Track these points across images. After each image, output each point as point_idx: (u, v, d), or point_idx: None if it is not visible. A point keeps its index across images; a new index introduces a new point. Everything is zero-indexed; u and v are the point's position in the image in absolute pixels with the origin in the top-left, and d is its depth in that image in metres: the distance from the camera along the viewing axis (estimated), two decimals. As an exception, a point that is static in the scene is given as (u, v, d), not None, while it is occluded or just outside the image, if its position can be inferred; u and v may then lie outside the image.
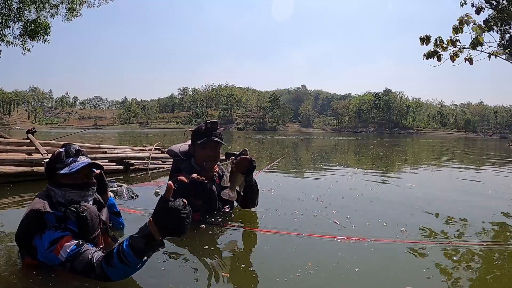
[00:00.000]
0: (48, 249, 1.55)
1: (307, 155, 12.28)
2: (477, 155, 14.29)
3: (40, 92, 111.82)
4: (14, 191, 3.65)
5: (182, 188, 2.50)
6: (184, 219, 1.39)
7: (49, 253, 1.54)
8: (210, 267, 1.81)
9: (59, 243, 1.54)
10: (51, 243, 1.55)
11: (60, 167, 1.73)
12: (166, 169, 5.44)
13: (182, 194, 2.46)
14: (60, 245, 1.54)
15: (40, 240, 1.57)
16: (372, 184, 4.80)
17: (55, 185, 1.74)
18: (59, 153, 1.77)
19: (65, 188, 1.73)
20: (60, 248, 1.53)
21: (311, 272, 1.75)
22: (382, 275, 1.82)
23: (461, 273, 1.83)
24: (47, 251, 1.55)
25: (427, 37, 3.50)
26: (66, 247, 1.53)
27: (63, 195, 1.72)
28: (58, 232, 1.57)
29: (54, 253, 1.54)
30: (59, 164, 1.74)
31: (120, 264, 1.43)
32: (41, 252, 1.57)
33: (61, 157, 1.76)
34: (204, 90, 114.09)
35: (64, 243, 1.54)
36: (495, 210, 3.32)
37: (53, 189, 1.74)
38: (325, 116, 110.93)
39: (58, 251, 1.53)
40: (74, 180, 1.74)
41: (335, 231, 2.45)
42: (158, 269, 1.75)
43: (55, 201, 1.71)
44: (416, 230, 2.56)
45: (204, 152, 2.60)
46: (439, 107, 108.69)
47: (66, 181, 1.73)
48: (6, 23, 9.53)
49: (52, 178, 1.77)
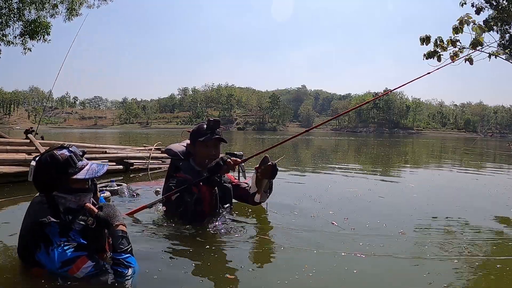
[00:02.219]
0: (60, 269, 1.50)
1: (307, 155, 12.27)
2: (477, 154, 14.29)
3: (40, 92, 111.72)
4: (14, 191, 3.65)
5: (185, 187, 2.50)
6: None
7: (62, 272, 1.51)
8: (213, 269, 1.81)
9: (75, 264, 1.51)
10: (65, 263, 1.50)
11: (75, 172, 1.64)
12: (166, 169, 5.43)
13: (189, 190, 2.48)
14: (76, 267, 1.50)
15: (47, 256, 1.51)
16: (371, 184, 4.80)
17: (66, 191, 1.64)
18: (69, 158, 1.65)
19: (80, 194, 1.66)
20: (76, 270, 1.50)
21: (310, 275, 1.74)
22: (381, 277, 1.82)
23: (461, 278, 1.82)
24: (59, 270, 1.51)
25: (427, 37, 3.49)
26: (84, 268, 1.51)
27: (77, 201, 1.65)
28: (70, 251, 1.51)
29: (68, 273, 1.51)
30: (71, 169, 1.63)
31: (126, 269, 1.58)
32: (51, 269, 1.52)
33: (73, 161, 1.65)
34: (204, 90, 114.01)
35: (80, 265, 1.51)
36: (495, 211, 3.32)
37: (64, 196, 1.63)
38: (325, 116, 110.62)
39: (74, 272, 1.51)
40: (85, 184, 1.69)
41: (334, 232, 2.45)
42: (161, 271, 1.76)
43: (64, 208, 1.61)
44: (416, 231, 2.56)
45: (207, 150, 2.60)
46: (439, 107, 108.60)
47: (81, 186, 1.67)
48: (6, 23, 9.53)
49: (60, 184, 1.63)
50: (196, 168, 2.64)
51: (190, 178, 2.57)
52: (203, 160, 2.62)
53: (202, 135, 2.60)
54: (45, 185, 1.64)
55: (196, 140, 2.62)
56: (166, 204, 2.64)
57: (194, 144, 2.65)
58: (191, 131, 2.78)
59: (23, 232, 1.62)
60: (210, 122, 2.63)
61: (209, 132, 2.60)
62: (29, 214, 1.64)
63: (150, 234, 2.31)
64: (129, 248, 1.63)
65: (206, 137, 2.58)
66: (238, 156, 3.84)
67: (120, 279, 1.55)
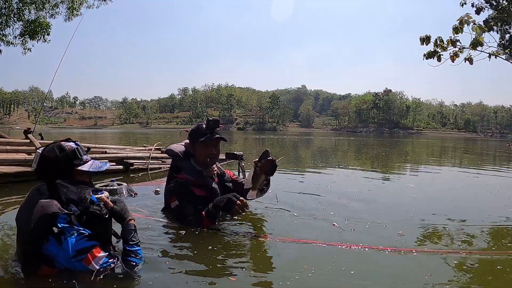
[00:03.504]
0: (74, 257, 1.52)
1: (307, 155, 12.27)
2: (477, 154, 14.29)
3: (40, 92, 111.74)
4: (14, 191, 3.65)
5: (186, 189, 2.51)
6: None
7: (76, 262, 1.53)
8: (213, 270, 1.81)
9: (91, 253, 1.54)
10: (80, 251, 1.53)
11: (80, 163, 1.70)
12: (166, 169, 5.43)
13: (188, 195, 2.48)
14: (92, 256, 1.54)
15: (58, 246, 1.52)
16: (371, 184, 4.80)
17: (70, 181, 1.67)
18: (75, 150, 1.71)
19: (82, 186, 1.70)
20: (92, 259, 1.54)
21: (309, 275, 1.74)
22: (379, 277, 1.82)
23: (458, 278, 1.82)
24: (73, 259, 1.52)
25: (427, 37, 3.49)
26: (98, 258, 1.55)
27: (78, 193, 1.67)
28: (84, 240, 1.55)
29: (83, 263, 1.53)
30: (77, 160, 1.69)
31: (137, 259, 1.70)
32: (63, 259, 1.52)
33: (79, 153, 1.71)
34: (204, 90, 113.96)
35: (96, 254, 1.55)
36: (495, 211, 3.32)
37: (67, 185, 1.65)
38: (325, 116, 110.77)
39: (90, 261, 1.54)
40: (87, 177, 1.75)
41: (335, 233, 2.45)
42: (163, 273, 1.75)
43: (66, 198, 1.63)
44: (415, 232, 2.56)
45: (207, 150, 2.60)
46: (439, 107, 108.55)
47: (83, 179, 1.72)
48: (6, 23, 9.53)
49: (65, 173, 1.67)
50: (197, 167, 2.64)
51: (192, 179, 2.57)
52: (204, 160, 2.63)
53: (202, 135, 2.60)
54: (50, 174, 1.66)
55: (196, 140, 2.62)
56: (165, 208, 2.67)
57: (194, 144, 2.65)
58: (189, 130, 2.78)
59: (26, 227, 1.57)
60: (210, 122, 2.63)
61: (209, 131, 2.60)
62: (30, 210, 1.56)
63: (150, 234, 2.31)
64: (139, 242, 1.77)
65: (206, 137, 2.58)
66: (237, 156, 3.86)
67: (132, 270, 1.64)
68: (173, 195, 2.52)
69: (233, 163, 4.95)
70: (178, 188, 2.52)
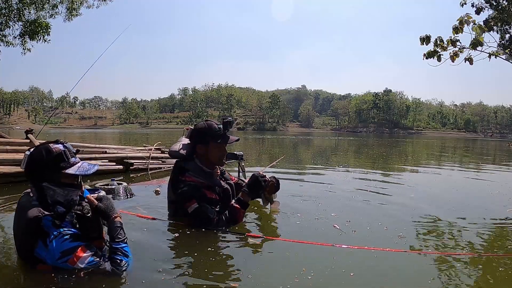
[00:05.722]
0: (60, 259, 1.54)
1: (307, 155, 12.27)
2: (477, 154, 14.29)
3: (40, 92, 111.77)
4: (14, 191, 3.64)
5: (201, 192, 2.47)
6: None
7: (62, 263, 1.54)
8: (214, 272, 1.80)
9: (74, 254, 1.55)
10: (64, 253, 1.54)
11: (66, 166, 1.69)
12: (166, 169, 5.44)
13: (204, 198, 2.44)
14: (76, 257, 1.55)
15: (45, 249, 1.55)
16: (371, 185, 4.79)
17: (56, 184, 1.67)
18: (62, 152, 1.69)
19: (68, 188, 1.69)
20: (76, 260, 1.55)
21: (309, 278, 1.73)
22: (379, 279, 1.81)
23: (459, 279, 1.81)
24: (58, 261, 1.54)
25: (427, 37, 3.49)
26: (83, 258, 1.56)
27: (65, 195, 1.67)
28: (68, 242, 1.56)
29: (68, 264, 1.55)
30: (63, 163, 1.68)
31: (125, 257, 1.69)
32: (51, 261, 1.55)
33: (66, 156, 1.70)
34: (204, 90, 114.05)
35: (80, 254, 1.56)
36: (494, 211, 3.32)
37: (53, 188, 1.65)
38: (325, 116, 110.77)
39: (74, 262, 1.55)
40: (74, 180, 1.73)
41: (336, 235, 2.45)
42: (163, 273, 1.75)
43: (52, 200, 1.63)
44: (416, 233, 2.56)
45: (221, 150, 2.59)
46: (439, 107, 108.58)
47: (70, 181, 1.71)
48: (6, 23, 9.53)
49: (51, 176, 1.67)
50: (205, 169, 2.55)
51: (204, 183, 2.48)
52: (216, 161, 2.58)
53: (218, 136, 2.53)
54: (37, 176, 1.67)
55: (209, 141, 2.53)
56: (177, 212, 2.55)
57: (207, 145, 2.54)
58: (191, 128, 2.70)
59: (17, 232, 1.65)
60: (227, 124, 2.57)
61: (223, 133, 2.55)
62: (20, 214, 1.66)
63: (150, 234, 2.31)
64: (126, 239, 1.75)
65: (223, 139, 2.53)
66: (238, 156, 3.85)
67: (118, 267, 1.64)
68: (192, 198, 2.40)
69: (233, 163, 4.95)
70: (194, 191, 2.42)
